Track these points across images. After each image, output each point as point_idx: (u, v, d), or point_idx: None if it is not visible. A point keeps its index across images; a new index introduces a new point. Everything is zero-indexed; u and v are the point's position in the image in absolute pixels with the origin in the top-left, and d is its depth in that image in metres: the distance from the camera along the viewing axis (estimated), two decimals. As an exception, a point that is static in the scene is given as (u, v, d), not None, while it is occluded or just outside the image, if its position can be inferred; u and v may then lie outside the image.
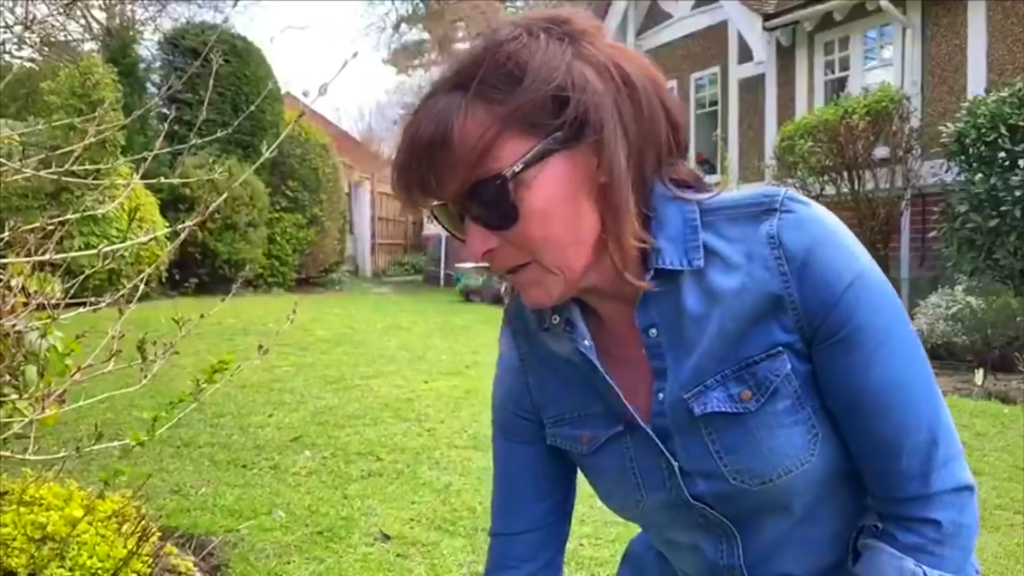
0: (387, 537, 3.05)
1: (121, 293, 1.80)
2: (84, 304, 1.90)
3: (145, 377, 1.83)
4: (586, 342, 0.94)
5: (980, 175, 7.02)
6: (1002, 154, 6.78)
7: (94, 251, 1.71)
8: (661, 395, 0.91)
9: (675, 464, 0.92)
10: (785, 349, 0.86)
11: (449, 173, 0.80)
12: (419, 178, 0.82)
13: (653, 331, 0.90)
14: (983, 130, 6.97)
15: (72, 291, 1.92)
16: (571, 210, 0.82)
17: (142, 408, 4.26)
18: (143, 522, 2.54)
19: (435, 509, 3.34)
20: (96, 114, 2.15)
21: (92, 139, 1.90)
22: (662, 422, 0.92)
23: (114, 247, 1.69)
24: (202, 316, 1.77)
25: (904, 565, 0.86)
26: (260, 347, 1.76)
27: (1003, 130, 6.82)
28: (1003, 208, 6.74)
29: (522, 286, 0.88)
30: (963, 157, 7.24)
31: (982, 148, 6.99)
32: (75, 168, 1.97)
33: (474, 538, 3.05)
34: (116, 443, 1.91)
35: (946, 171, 7.57)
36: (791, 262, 0.83)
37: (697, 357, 0.88)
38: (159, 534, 2.69)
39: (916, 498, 0.87)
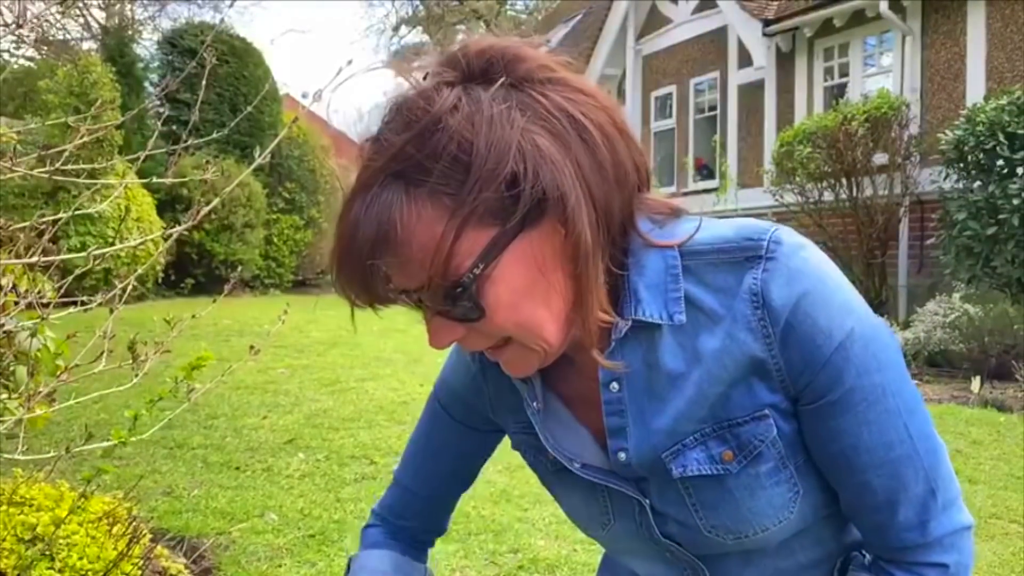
0: (380, 541, 3.04)
1: (112, 293, 1.79)
2: (76, 304, 1.89)
3: (136, 377, 1.82)
4: (535, 404, 0.89)
5: (978, 183, 7.03)
6: (1000, 162, 6.79)
7: (83, 254, 1.69)
8: (622, 456, 0.85)
9: (646, 503, 0.87)
10: (771, 411, 0.81)
11: (400, 276, 0.74)
12: (364, 283, 0.75)
13: (615, 386, 0.83)
14: (982, 138, 6.97)
15: (66, 290, 1.90)
16: (541, 290, 0.76)
17: (135, 409, 4.24)
18: (134, 523, 2.53)
19: (429, 513, 3.32)
20: (90, 113, 2.14)
21: (85, 138, 1.88)
22: (630, 473, 0.87)
23: (104, 250, 1.67)
24: (193, 316, 1.76)
25: None
26: (251, 348, 1.74)
27: (1001, 138, 6.82)
28: (1001, 216, 6.74)
29: (502, 362, 0.82)
30: (961, 164, 7.24)
31: (980, 156, 6.99)
32: (72, 167, 1.95)
33: (466, 543, 3.03)
34: (106, 443, 1.89)
35: (944, 178, 7.57)
36: (775, 324, 0.77)
37: (672, 419, 0.83)
38: (150, 536, 2.67)
39: (915, 547, 0.84)
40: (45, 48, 14.80)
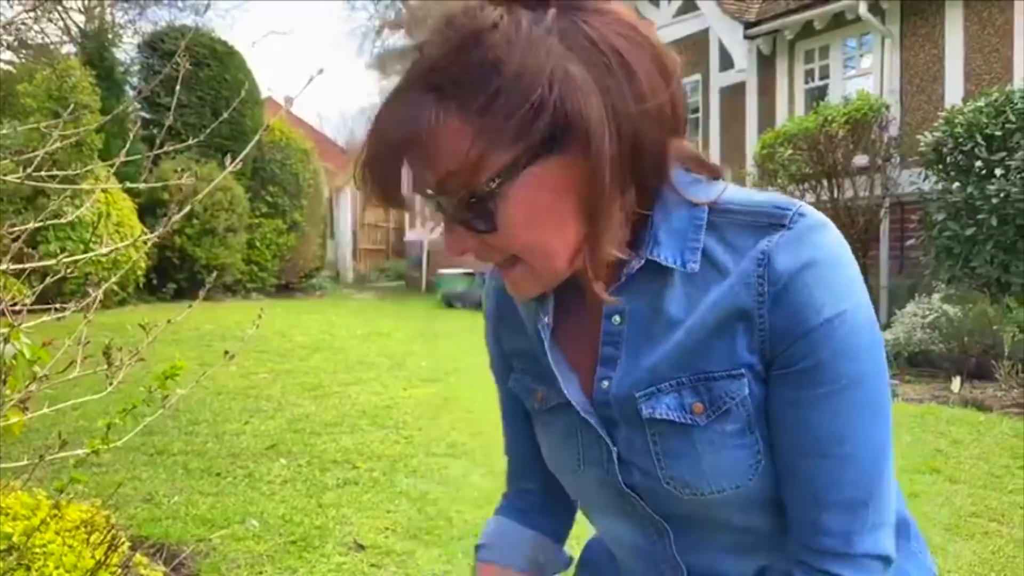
0: (361, 547, 3.02)
1: (87, 301, 1.77)
2: (50, 310, 1.87)
3: (111, 384, 1.80)
4: (546, 319, 0.92)
5: (957, 184, 7.08)
6: (979, 163, 6.85)
7: (54, 261, 1.67)
8: (605, 383, 0.88)
9: (614, 450, 0.90)
10: (747, 371, 0.82)
11: (419, 178, 0.76)
12: (386, 179, 0.77)
13: (617, 319, 0.86)
14: (960, 139, 7.03)
15: (47, 296, 1.88)
16: (555, 216, 0.78)
17: (112, 416, 4.20)
18: (112, 531, 2.50)
19: (411, 518, 3.31)
20: (65, 117, 2.11)
21: (59, 143, 1.87)
22: (607, 411, 0.89)
23: (74, 257, 1.65)
24: (169, 321, 1.74)
25: None
26: (226, 353, 1.73)
27: (980, 139, 6.89)
28: (980, 216, 6.80)
29: (507, 280, 0.86)
30: (940, 166, 7.30)
31: (959, 157, 7.05)
32: (50, 172, 1.93)
33: (449, 547, 3.02)
34: (81, 451, 1.87)
35: (924, 180, 7.64)
36: (773, 284, 0.79)
37: (656, 359, 0.85)
38: (129, 544, 2.64)
39: (835, 554, 0.82)
40: (24, 51, 14.67)
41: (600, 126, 0.74)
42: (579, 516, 1.16)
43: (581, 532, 1.19)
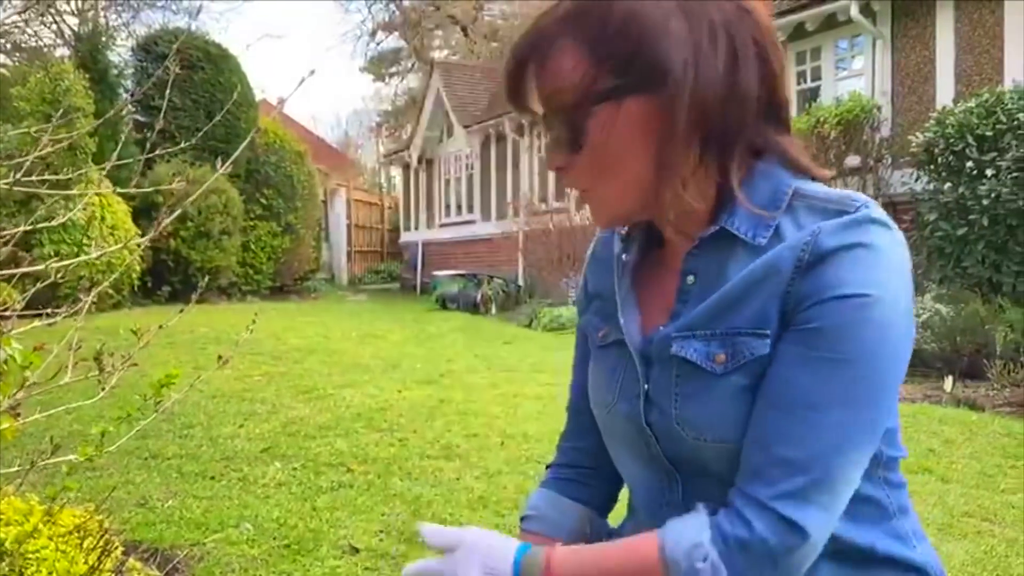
0: (356, 550, 3.02)
1: (78, 307, 1.77)
2: (41, 316, 1.86)
3: (103, 389, 1.80)
4: (624, 256, 1.03)
5: (949, 184, 7.11)
6: (970, 163, 6.88)
7: (42, 267, 1.67)
8: (662, 328, 0.95)
9: (646, 387, 0.96)
10: (771, 334, 0.86)
11: (531, 93, 0.91)
12: (511, 83, 0.92)
13: (691, 278, 0.93)
14: (951, 140, 7.06)
15: (40, 300, 1.88)
16: (630, 149, 0.87)
17: (107, 420, 4.19)
18: (105, 536, 2.50)
19: (405, 521, 3.31)
20: (57, 121, 2.11)
21: (48, 148, 1.87)
22: (648, 349, 0.96)
23: (63, 263, 1.66)
24: (160, 327, 1.74)
25: (701, 539, 0.83)
26: (220, 357, 1.73)
27: (970, 140, 6.91)
28: (971, 217, 6.83)
29: (585, 204, 0.97)
30: (932, 166, 7.33)
31: (950, 157, 7.08)
32: (41, 177, 1.93)
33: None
34: (74, 456, 1.87)
35: (916, 180, 7.66)
36: (812, 254, 0.84)
37: (701, 308, 0.91)
38: (122, 548, 2.64)
39: (756, 501, 0.83)
40: (17, 55, 14.66)
41: (681, 79, 0.83)
42: (620, 496, 1.18)
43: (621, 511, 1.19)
